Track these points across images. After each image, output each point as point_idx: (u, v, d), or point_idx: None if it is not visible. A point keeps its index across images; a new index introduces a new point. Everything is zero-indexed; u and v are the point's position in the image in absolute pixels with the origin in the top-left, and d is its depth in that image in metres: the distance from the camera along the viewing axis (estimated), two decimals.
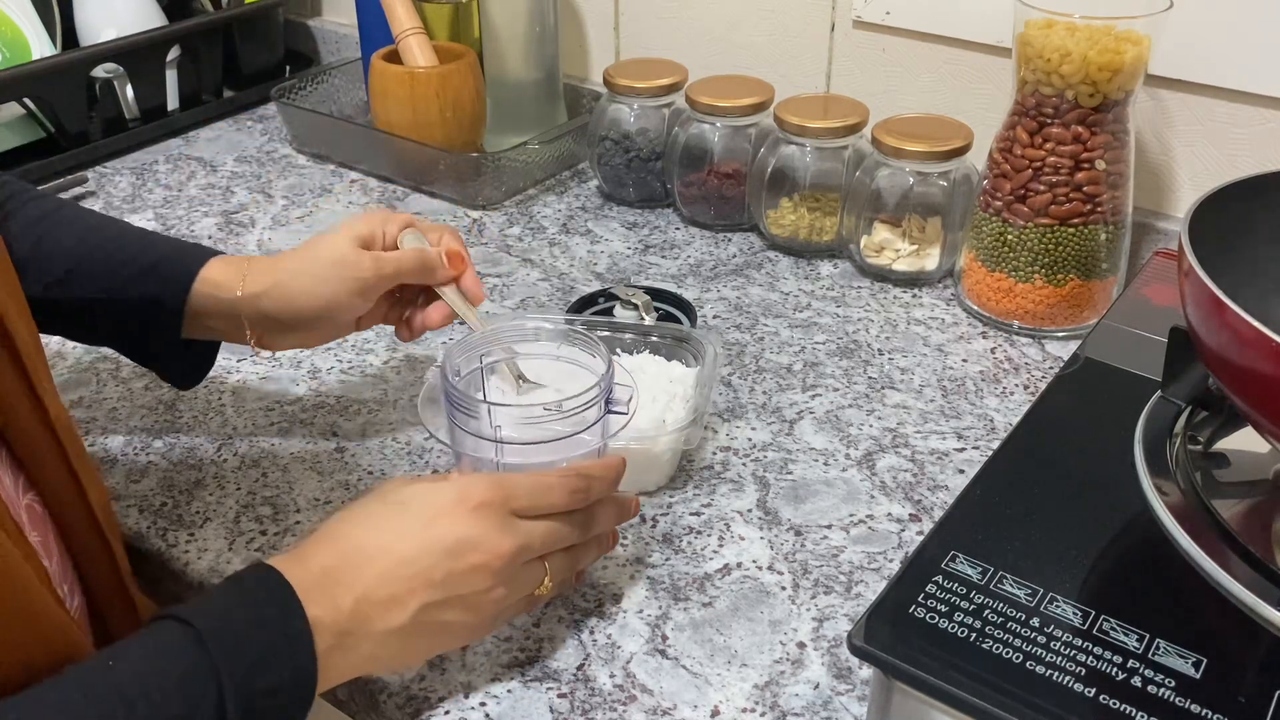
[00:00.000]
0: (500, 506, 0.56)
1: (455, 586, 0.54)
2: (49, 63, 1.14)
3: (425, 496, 0.56)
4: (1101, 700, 0.48)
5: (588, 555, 0.62)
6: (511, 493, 0.56)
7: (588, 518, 0.60)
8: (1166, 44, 0.85)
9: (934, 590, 0.53)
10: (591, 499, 0.60)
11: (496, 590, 0.56)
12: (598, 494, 0.60)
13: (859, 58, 1.06)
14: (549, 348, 0.69)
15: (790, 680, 0.59)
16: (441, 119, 1.10)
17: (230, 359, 0.86)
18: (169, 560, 0.69)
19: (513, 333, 0.69)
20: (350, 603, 0.52)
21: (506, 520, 0.56)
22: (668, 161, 1.05)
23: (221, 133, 1.27)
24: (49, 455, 0.54)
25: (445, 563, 0.54)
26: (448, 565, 0.54)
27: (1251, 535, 0.56)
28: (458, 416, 0.62)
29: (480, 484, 0.56)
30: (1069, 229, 0.85)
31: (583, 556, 0.62)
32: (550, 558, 0.58)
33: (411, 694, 0.59)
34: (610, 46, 1.22)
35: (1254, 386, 0.54)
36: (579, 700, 0.58)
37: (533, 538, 0.57)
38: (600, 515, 0.61)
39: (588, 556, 0.62)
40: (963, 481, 0.71)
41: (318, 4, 1.46)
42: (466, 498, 0.55)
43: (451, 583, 0.54)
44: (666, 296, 0.87)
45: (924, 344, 0.88)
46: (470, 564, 0.54)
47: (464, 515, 0.55)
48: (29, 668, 0.46)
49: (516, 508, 0.57)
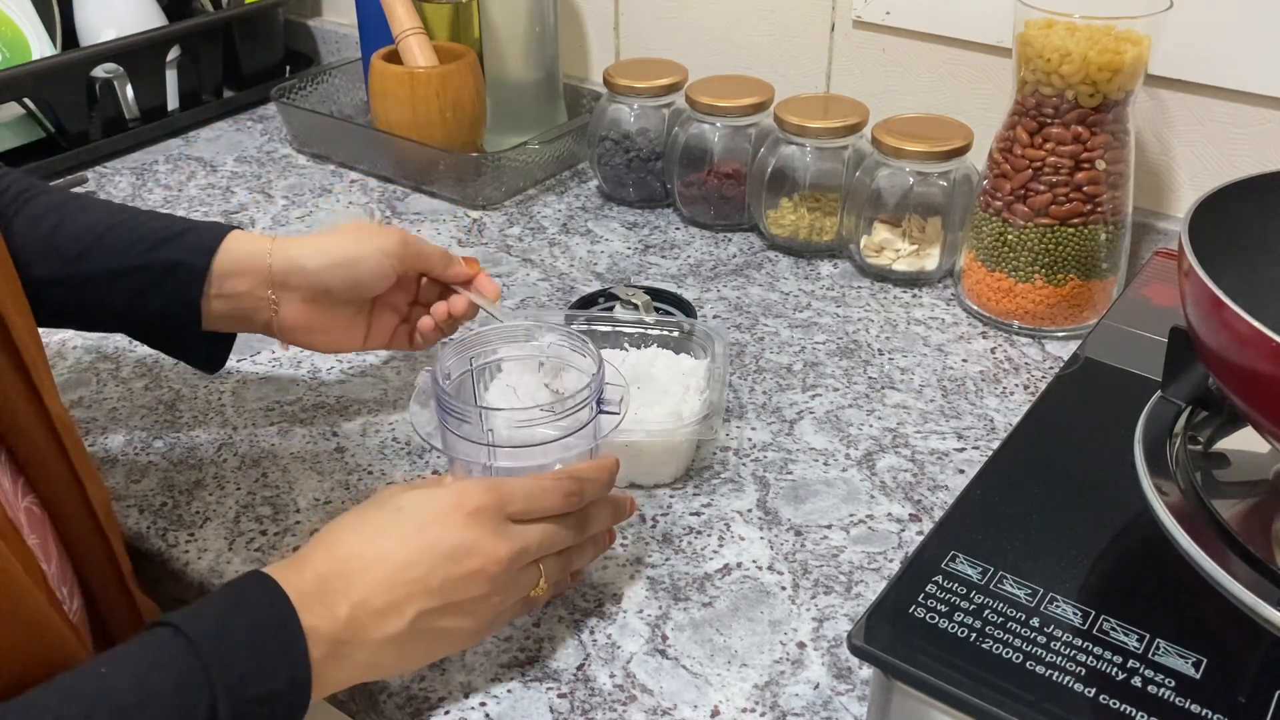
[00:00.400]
0: (496, 511, 0.56)
1: (452, 593, 0.54)
2: (49, 63, 1.14)
3: (421, 503, 0.56)
4: (1101, 700, 0.48)
5: (583, 557, 0.62)
6: (507, 497, 0.56)
7: (582, 519, 0.60)
8: (1166, 44, 0.85)
9: (934, 590, 0.53)
10: (585, 501, 0.60)
11: (493, 596, 0.56)
12: (591, 496, 0.60)
13: (859, 58, 1.06)
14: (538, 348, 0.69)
15: (790, 680, 0.59)
16: (441, 119, 1.10)
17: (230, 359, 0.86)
18: (169, 560, 0.69)
19: (502, 333, 0.69)
20: (346, 611, 0.52)
21: (502, 525, 0.56)
22: (668, 161, 1.05)
23: (221, 133, 1.27)
24: (50, 456, 0.54)
25: (442, 569, 0.54)
26: (444, 571, 0.54)
27: (1251, 535, 0.56)
28: (449, 421, 0.62)
29: (476, 489, 0.56)
30: (1069, 229, 0.85)
31: (578, 558, 0.62)
32: (545, 560, 0.58)
33: (411, 694, 0.59)
34: (610, 46, 1.22)
35: (1254, 386, 0.54)
36: (579, 700, 0.58)
37: (529, 542, 0.57)
38: (595, 516, 0.61)
39: (583, 558, 0.62)
40: (963, 481, 0.71)
41: (318, 4, 1.46)
42: (462, 503, 0.55)
43: (448, 589, 0.54)
44: (666, 296, 0.87)
45: (924, 344, 0.88)
46: (467, 570, 0.54)
47: (460, 521, 0.55)
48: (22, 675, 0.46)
49: (512, 512, 0.57)
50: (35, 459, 0.53)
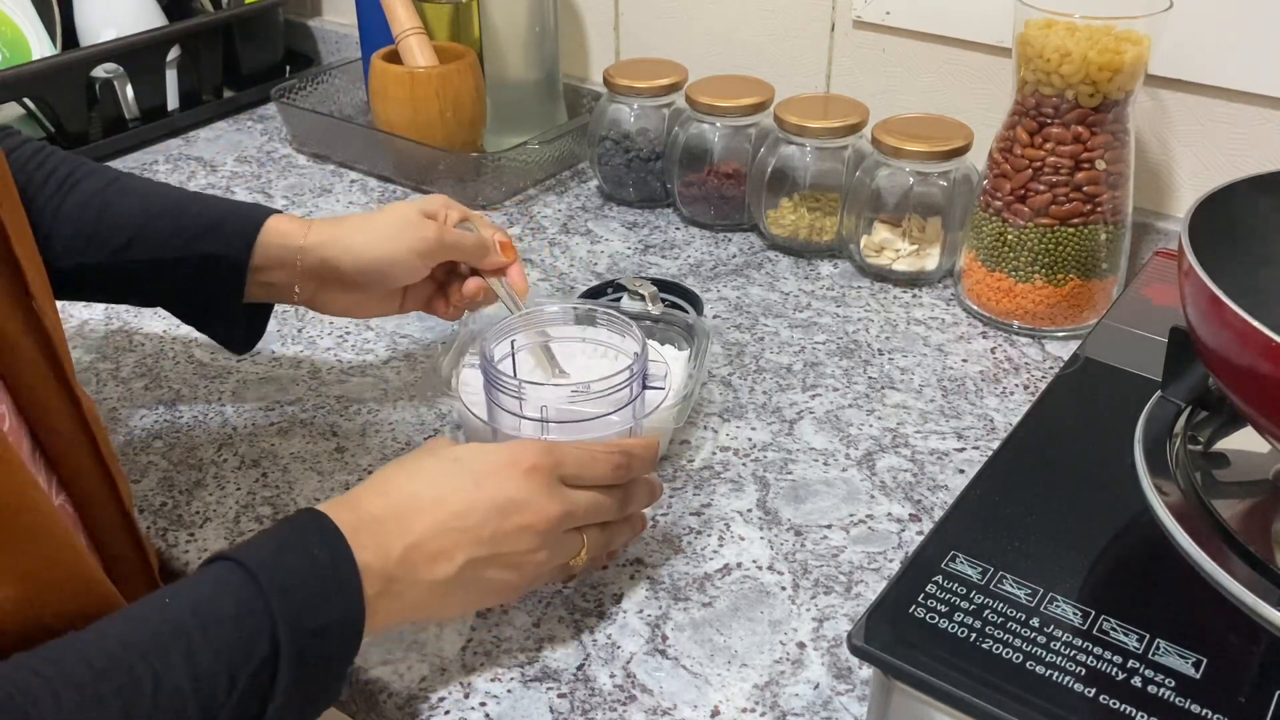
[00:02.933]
0: (550, 472, 0.57)
1: (501, 545, 0.56)
2: (49, 63, 1.14)
3: (478, 455, 0.58)
4: (1101, 700, 0.48)
5: (621, 535, 0.63)
6: (560, 460, 0.58)
7: (625, 495, 0.62)
8: (1166, 44, 0.85)
9: (934, 590, 0.53)
10: (631, 475, 0.61)
11: (539, 552, 0.57)
12: (637, 471, 0.62)
13: (859, 58, 1.06)
14: (578, 331, 0.73)
15: (790, 680, 0.59)
16: (441, 119, 1.10)
17: (230, 359, 0.86)
18: (169, 560, 0.69)
19: (545, 317, 0.72)
20: (400, 551, 0.53)
21: (554, 486, 0.58)
22: (668, 161, 1.05)
23: (221, 133, 1.27)
24: (82, 453, 0.55)
25: (494, 520, 0.55)
26: (496, 523, 0.55)
27: (1251, 535, 0.56)
28: (496, 395, 0.65)
29: (532, 449, 0.58)
30: (1069, 229, 0.85)
31: (616, 535, 0.63)
32: (588, 530, 0.60)
33: (411, 694, 0.59)
34: (610, 46, 1.22)
35: (1254, 386, 0.54)
36: (579, 700, 0.58)
37: (577, 506, 0.58)
38: (635, 494, 0.62)
39: (621, 536, 0.63)
40: (963, 481, 0.71)
41: (318, 4, 1.46)
42: (518, 460, 0.57)
43: (498, 541, 0.55)
44: (673, 288, 0.87)
45: (924, 344, 0.88)
46: (517, 524, 0.56)
47: (515, 476, 0.56)
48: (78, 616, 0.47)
49: (564, 475, 0.58)
50: (67, 457, 0.54)
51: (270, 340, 0.75)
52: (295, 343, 0.88)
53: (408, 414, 0.80)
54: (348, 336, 0.89)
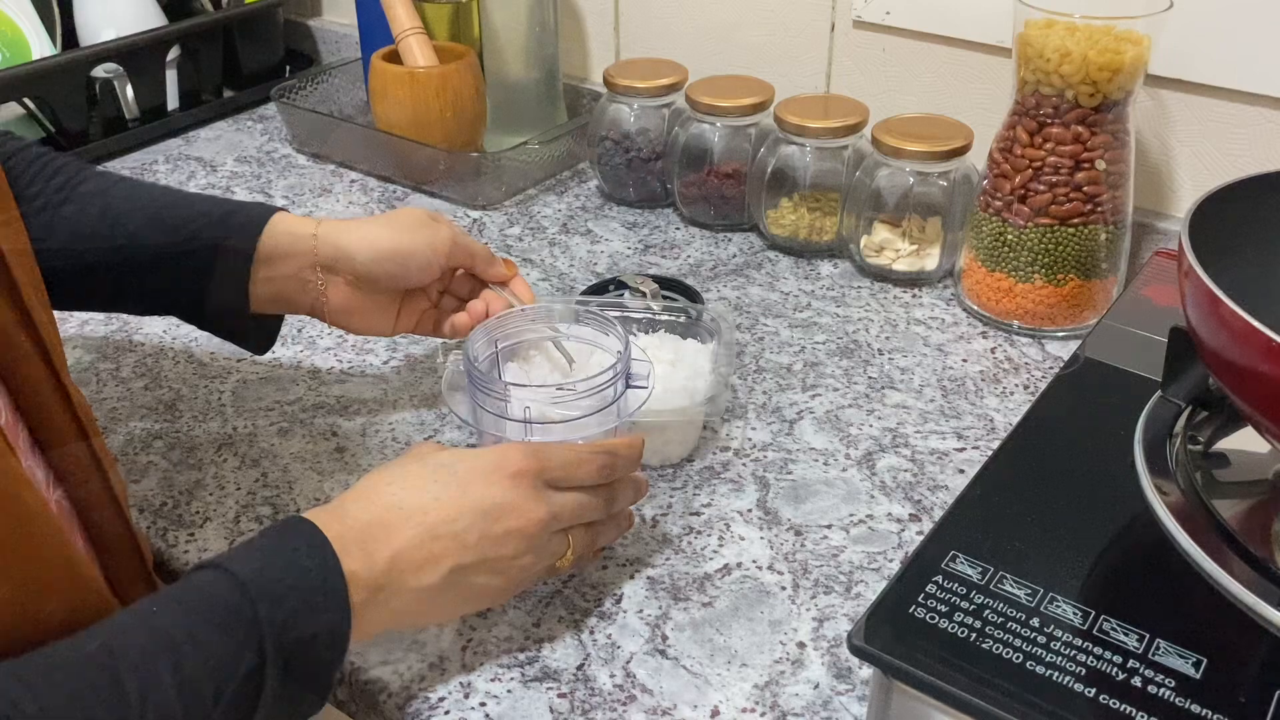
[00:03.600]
0: (535, 475, 0.58)
1: (487, 550, 0.56)
2: (49, 63, 1.14)
3: (464, 461, 0.58)
4: (1101, 700, 0.48)
5: (607, 534, 0.64)
6: (546, 463, 0.58)
7: (611, 494, 0.62)
8: (1166, 44, 0.85)
9: (934, 590, 0.53)
10: (616, 475, 0.61)
11: (525, 556, 0.57)
12: (622, 471, 0.62)
13: (859, 58, 1.06)
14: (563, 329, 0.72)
15: (790, 680, 0.59)
16: (441, 119, 1.10)
17: (230, 359, 0.86)
18: (169, 560, 0.69)
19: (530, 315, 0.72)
20: (386, 559, 0.53)
21: (540, 489, 0.58)
22: (668, 161, 1.05)
23: (221, 133, 1.27)
24: (75, 446, 0.55)
25: (480, 526, 0.55)
26: (482, 529, 0.55)
27: (1251, 535, 0.56)
28: (480, 398, 0.64)
29: (517, 452, 0.58)
30: (1069, 229, 0.85)
31: (603, 534, 0.63)
32: (574, 531, 0.60)
33: (411, 694, 0.59)
34: (610, 46, 1.22)
35: (1254, 386, 0.54)
36: (579, 700, 0.58)
37: (563, 508, 0.59)
38: (621, 493, 0.63)
39: (607, 535, 0.64)
40: (963, 481, 0.71)
41: (318, 4, 1.46)
42: (504, 465, 0.57)
43: (484, 546, 0.56)
44: (674, 285, 0.88)
45: (924, 344, 0.88)
46: (504, 529, 0.56)
47: (501, 481, 0.56)
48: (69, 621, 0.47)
49: (550, 478, 0.58)
50: (61, 450, 0.54)
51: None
52: (295, 343, 0.88)
53: (408, 414, 0.80)
54: (348, 336, 0.89)
